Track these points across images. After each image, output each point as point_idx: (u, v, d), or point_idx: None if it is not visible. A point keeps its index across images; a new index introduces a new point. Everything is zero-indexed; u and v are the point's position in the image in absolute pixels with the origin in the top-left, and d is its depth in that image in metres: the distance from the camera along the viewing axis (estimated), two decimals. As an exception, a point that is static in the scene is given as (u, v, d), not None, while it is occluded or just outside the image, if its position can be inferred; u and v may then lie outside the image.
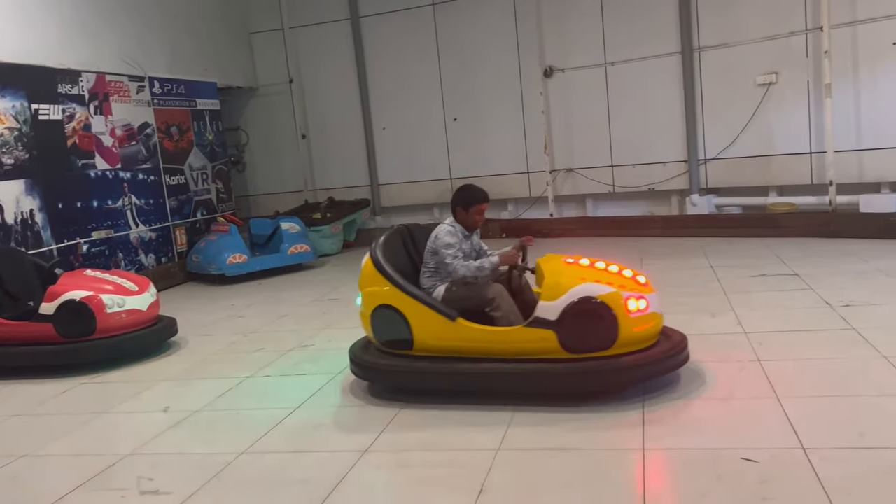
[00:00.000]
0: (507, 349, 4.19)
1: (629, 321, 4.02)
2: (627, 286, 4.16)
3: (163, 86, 9.96)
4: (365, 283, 4.60)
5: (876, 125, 8.76)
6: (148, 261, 9.44)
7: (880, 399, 3.84)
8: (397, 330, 4.42)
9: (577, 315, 4.00)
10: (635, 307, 4.06)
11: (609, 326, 3.99)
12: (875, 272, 6.70)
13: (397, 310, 4.40)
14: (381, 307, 4.46)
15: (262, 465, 3.78)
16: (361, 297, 4.61)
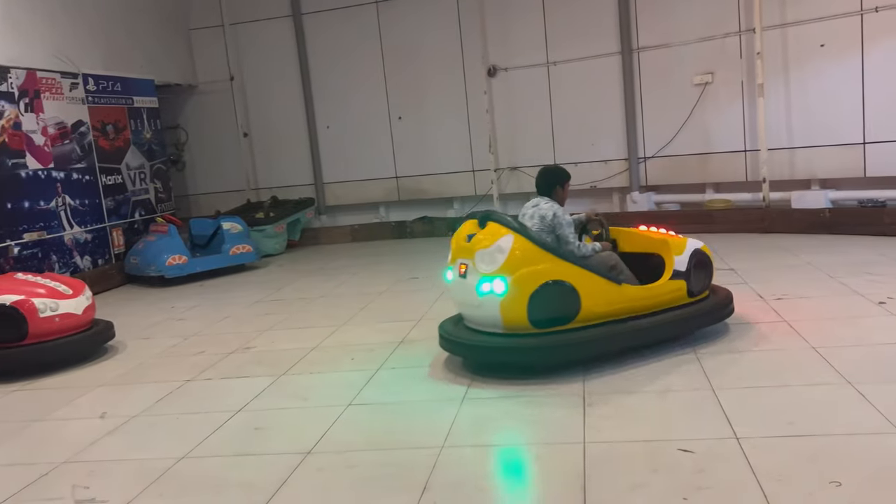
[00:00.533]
0: (653, 303, 4.77)
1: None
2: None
3: (98, 83, 9.69)
4: (519, 264, 4.40)
5: (806, 124, 9.09)
6: (83, 263, 9.17)
7: (808, 388, 3.99)
8: (566, 304, 4.42)
9: (696, 265, 4.95)
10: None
11: (710, 272, 5.07)
12: (805, 266, 6.95)
13: (568, 283, 4.42)
14: (548, 284, 4.37)
15: (202, 469, 3.72)
16: (513, 279, 4.37)
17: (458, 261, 4.67)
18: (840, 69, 8.70)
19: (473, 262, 4.53)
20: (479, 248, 4.52)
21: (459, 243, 4.71)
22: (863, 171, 8.69)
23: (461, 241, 4.70)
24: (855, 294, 5.75)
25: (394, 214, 12.18)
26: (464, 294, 4.64)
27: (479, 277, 4.46)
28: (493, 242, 4.48)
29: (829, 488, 2.91)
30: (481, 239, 4.56)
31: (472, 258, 4.54)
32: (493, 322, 4.52)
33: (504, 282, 4.38)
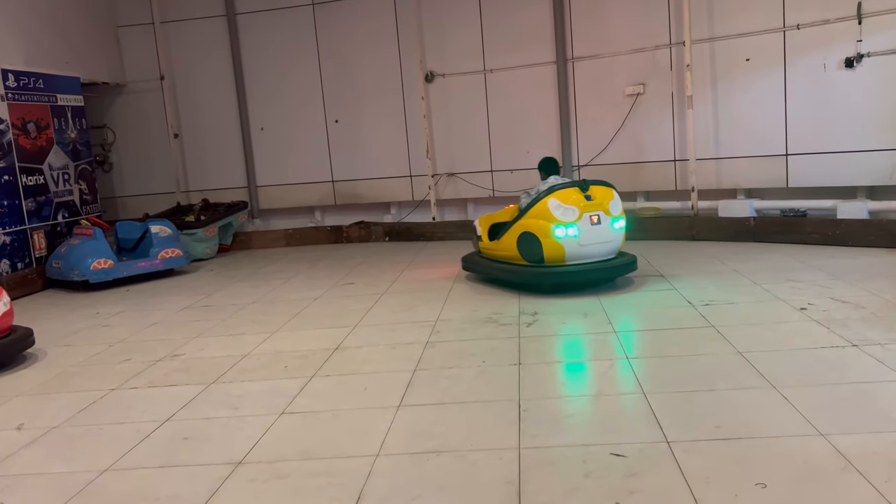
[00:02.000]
0: None
1: None
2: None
3: (18, 79, 9.28)
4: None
5: (732, 135, 9.40)
6: (2, 267, 8.75)
7: (735, 392, 4.11)
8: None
9: None
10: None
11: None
12: (731, 272, 7.18)
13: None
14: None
15: (127, 481, 3.58)
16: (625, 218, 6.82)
17: (586, 214, 6.52)
18: (764, 83, 9.04)
19: (607, 210, 6.60)
20: (609, 200, 6.67)
21: (580, 203, 6.54)
22: (785, 181, 9.04)
23: (581, 201, 6.55)
24: (778, 300, 5.96)
25: (329, 219, 12.05)
26: (598, 235, 6.56)
27: (612, 219, 6.62)
28: (614, 196, 6.75)
29: (755, 490, 2.99)
30: (604, 195, 6.69)
31: (604, 209, 6.59)
32: (615, 249, 6.77)
33: (624, 220, 6.75)
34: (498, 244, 7.14)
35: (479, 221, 7.70)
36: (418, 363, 5.02)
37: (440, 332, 5.77)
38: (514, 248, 6.82)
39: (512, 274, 6.96)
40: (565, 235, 6.45)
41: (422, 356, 5.17)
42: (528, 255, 6.70)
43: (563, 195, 6.57)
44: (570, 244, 6.47)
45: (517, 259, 6.85)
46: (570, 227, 6.44)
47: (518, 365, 4.79)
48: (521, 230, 6.72)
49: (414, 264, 9.17)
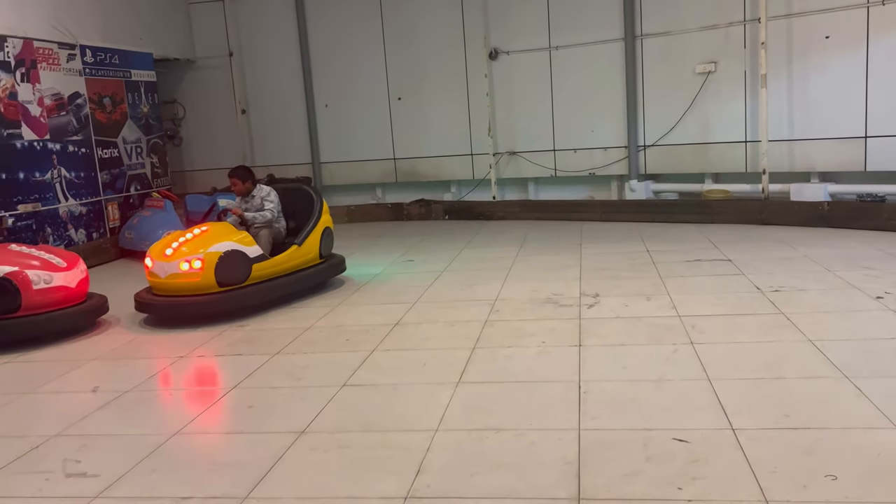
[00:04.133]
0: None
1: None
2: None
3: (95, 55, 9.58)
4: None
5: (807, 116, 9.05)
6: (78, 236, 9.11)
7: (804, 381, 3.98)
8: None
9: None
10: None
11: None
12: (803, 259, 6.94)
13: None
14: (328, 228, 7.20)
15: (194, 446, 3.70)
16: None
17: None
18: (844, 62, 8.65)
19: None
20: None
21: None
22: (863, 165, 8.67)
23: None
24: (852, 288, 5.74)
25: (390, 196, 12.13)
26: None
27: None
28: None
29: (825, 482, 2.90)
30: None
31: None
32: None
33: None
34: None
35: None
36: (477, 341, 5.02)
37: (499, 311, 5.75)
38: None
39: None
40: None
41: (480, 334, 5.17)
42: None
43: None
44: None
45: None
46: None
47: (578, 346, 4.75)
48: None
49: (473, 243, 9.16)
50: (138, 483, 3.34)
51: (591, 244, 8.39)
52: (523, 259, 7.82)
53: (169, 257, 6.02)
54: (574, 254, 7.88)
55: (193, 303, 5.98)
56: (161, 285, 6.06)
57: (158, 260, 6.06)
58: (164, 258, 6.03)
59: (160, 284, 6.05)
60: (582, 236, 8.98)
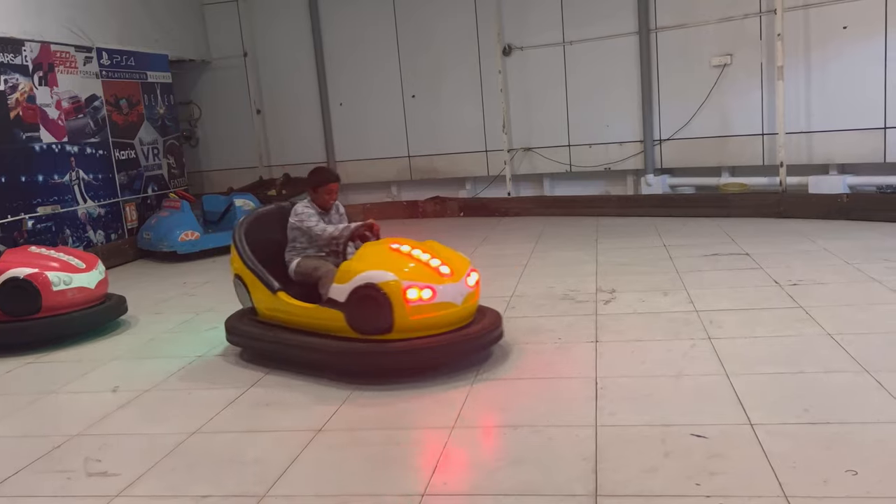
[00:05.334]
0: (312, 324, 4.55)
1: (408, 308, 4.18)
2: (418, 275, 4.26)
3: (111, 57, 9.66)
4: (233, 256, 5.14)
5: (825, 108, 8.95)
6: (97, 237, 9.20)
7: (824, 375, 3.95)
8: (245, 298, 5.04)
9: (358, 299, 4.23)
10: (416, 295, 4.19)
11: (385, 312, 4.17)
12: (821, 252, 6.88)
13: (242, 279, 5.00)
14: (235, 276, 5.11)
15: (213, 444, 3.73)
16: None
17: None
18: (862, 52, 8.54)
19: None
20: None
21: None
22: (883, 156, 8.56)
23: None
24: (872, 281, 5.68)
25: (406, 194, 12.14)
26: None
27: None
28: None
29: (846, 477, 2.87)
30: None
31: None
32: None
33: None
34: None
35: None
36: (494, 338, 5.01)
37: (515, 308, 5.75)
38: None
39: None
40: None
41: (498, 331, 5.16)
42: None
43: None
44: None
45: None
46: None
47: (595, 342, 4.73)
48: None
49: (488, 240, 9.15)
50: (158, 482, 3.37)
51: (607, 239, 8.35)
52: (539, 255, 7.80)
53: (452, 276, 4.38)
54: (590, 249, 7.85)
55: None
56: (456, 316, 4.38)
57: (443, 283, 4.30)
58: (445, 278, 4.33)
59: (455, 315, 4.36)
60: (598, 232, 8.94)
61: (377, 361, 4.29)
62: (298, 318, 4.63)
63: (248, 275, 4.93)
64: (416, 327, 4.22)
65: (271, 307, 4.80)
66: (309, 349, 4.51)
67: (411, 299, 4.17)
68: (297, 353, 4.59)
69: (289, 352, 4.65)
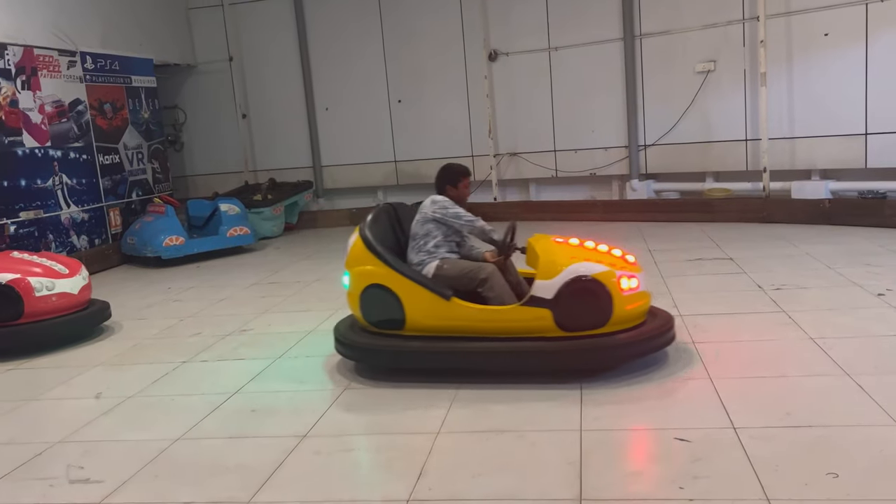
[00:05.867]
0: (501, 328, 4.20)
1: (622, 299, 4.08)
2: (618, 265, 4.21)
3: (95, 61, 9.60)
4: (354, 263, 4.52)
5: (807, 114, 9.04)
6: (80, 242, 9.13)
7: (806, 379, 3.98)
8: (389, 310, 4.37)
9: (572, 293, 4.04)
10: (627, 285, 4.13)
11: (604, 304, 4.05)
12: (804, 256, 6.94)
13: (389, 289, 4.34)
14: (371, 286, 4.41)
15: (197, 451, 3.71)
16: (350, 276, 4.53)
17: None
18: (843, 59, 8.64)
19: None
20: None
21: None
22: (864, 161, 8.65)
23: None
24: (854, 285, 5.73)
25: (392, 198, 12.08)
26: None
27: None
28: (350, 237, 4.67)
29: (827, 479, 2.90)
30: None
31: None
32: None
33: (346, 276, 4.60)
34: None
35: None
36: (480, 343, 5.01)
37: (502, 313, 5.74)
38: None
39: None
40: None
41: (483, 336, 5.16)
42: None
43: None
44: None
45: None
46: None
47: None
48: None
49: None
50: (142, 488, 3.35)
51: (593, 244, 8.38)
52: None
53: (636, 265, 4.37)
54: (575, 254, 7.87)
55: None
56: (647, 305, 4.34)
57: (639, 271, 4.28)
58: (635, 267, 4.31)
59: (647, 304, 4.34)
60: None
61: (602, 357, 4.12)
62: (482, 324, 4.22)
63: (402, 284, 4.33)
64: (627, 319, 4.14)
65: (440, 315, 4.27)
66: (515, 354, 4.12)
67: (624, 289, 4.09)
68: (499, 360, 4.17)
69: (471, 361, 4.22)
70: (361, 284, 4.44)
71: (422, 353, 4.32)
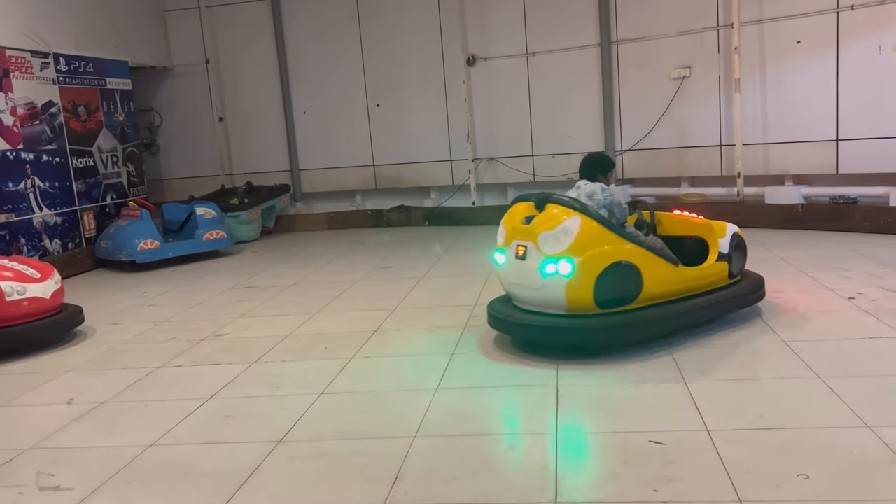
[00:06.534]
0: (702, 284, 4.93)
1: None
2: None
3: (69, 63, 9.49)
4: (586, 247, 4.42)
5: (780, 120, 9.17)
6: (53, 246, 9.01)
7: (778, 382, 4.03)
8: (631, 285, 4.50)
9: (736, 247, 5.15)
10: None
11: (746, 255, 5.31)
12: (777, 261, 7.03)
13: (632, 265, 4.49)
14: (614, 265, 4.42)
15: (170, 457, 3.67)
16: (579, 262, 4.38)
17: (514, 243, 4.65)
18: (815, 66, 8.78)
19: (536, 244, 4.51)
20: (543, 229, 4.51)
21: (515, 225, 4.72)
22: (835, 167, 8.79)
23: (517, 222, 4.72)
24: (826, 289, 5.82)
25: (370, 203, 12.12)
26: (522, 276, 4.63)
27: (543, 259, 4.46)
28: (559, 224, 4.48)
29: (797, 481, 2.94)
30: (544, 220, 4.55)
31: (533, 240, 4.53)
32: (555, 303, 4.51)
33: (571, 263, 4.40)
34: None
35: None
36: (456, 346, 5.03)
37: (478, 317, 5.75)
38: None
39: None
40: (497, 264, 4.92)
41: (460, 340, 5.18)
42: None
43: (513, 211, 4.90)
44: (503, 276, 4.93)
45: None
46: (499, 254, 4.87)
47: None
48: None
49: (453, 249, 9.18)
50: (113, 496, 3.31)
51: (570, 248, 8.42)
52: (502, 264, 7.84)
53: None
54: (553, 258, 7.91)
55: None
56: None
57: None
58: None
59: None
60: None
61: (755, 297, 5.28)
62: (691, 283, 4.85)
63: (645, 257, 4.54)
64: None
65: (667, 281, 4.69)
66: (712, 305, 4.92)
67: None
68: (707, 311, 4.90)
69: (697, 315, 4.83)
70: (600, 266, 4.41)
71: (659, 320, 4.61)
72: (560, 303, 4.48)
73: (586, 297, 4.43)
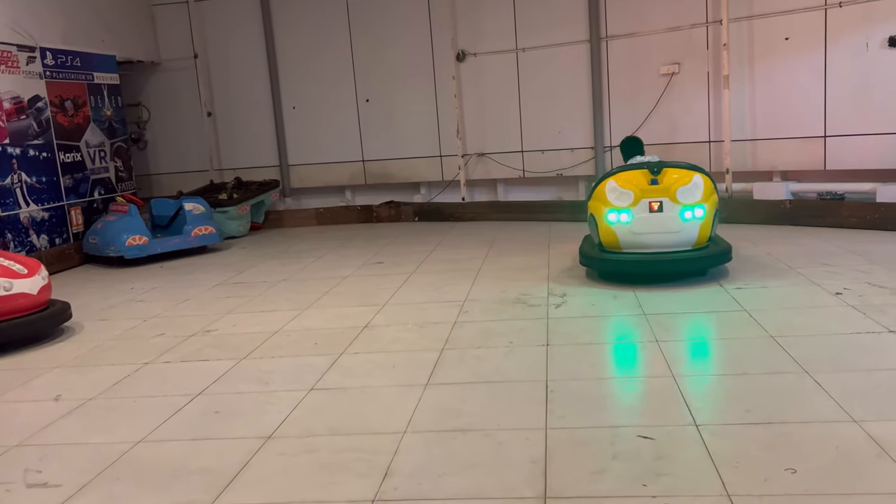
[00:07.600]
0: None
1: None
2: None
3: (56, 57, 9.42)
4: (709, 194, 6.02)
5: (768, 116, 9.21)
6: (40, 242, 8.94)
7: (766, 377, 4.05)
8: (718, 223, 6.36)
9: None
10: None
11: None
12: (765, 256, 7.07)
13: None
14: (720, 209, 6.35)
15: (159, 453, 3.66)
16: (707, 206, 5.95)
17: (645, 200, 5.94)
18: (803, 62, 8.82)
19: (673, 198, 5.90)
20: (679, 185, 5.93)
21: (643, 188, 5.96)
22: (823, 163, 8.84)
23: (643, 185, 5.97)
24: (813, 285, 5.86)
25: (360, 198, 12.10)
26: (658, 225, 5.93)
27: (682, 207, 5.89)
28: (690, 180, 5.95)
29: (785, 475, 2.96)
30: (675, 179, 5.95)
31: (670, 196, 5.91)
32: (688, 241, 6.01)
33: (702, 209, 5.93)
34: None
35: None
36: (446, 342, 5.03)
37: (468, 312, 5.77)
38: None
39: (582, 257, 6.60)
40: (617, 221, 6.03)
41: (450, 335, 5.19)
42: (593, 238, 6.52)
43: (624, 178, 6.07)
44: (622, 231, 6.03)
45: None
46: (622, 213, 5.99)
47: (546, 346, 4.78)
48: (588, 212, 6.50)
49: (442, 245, 9.17)
50: (102, 492, 3.29)
51: (560, 244, 8.45)
52: (493, 260, 7.85)
53: None
54: (542, 254, 7.94)
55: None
56: None
57: None
58: None
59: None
60: (550, 237, 9.04)
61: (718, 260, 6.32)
62: None
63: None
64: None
65: None
66: None
67: None
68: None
69: None
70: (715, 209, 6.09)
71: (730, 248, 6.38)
72: (692, 240, 6.01)
73: (707, 234, 6.03)
